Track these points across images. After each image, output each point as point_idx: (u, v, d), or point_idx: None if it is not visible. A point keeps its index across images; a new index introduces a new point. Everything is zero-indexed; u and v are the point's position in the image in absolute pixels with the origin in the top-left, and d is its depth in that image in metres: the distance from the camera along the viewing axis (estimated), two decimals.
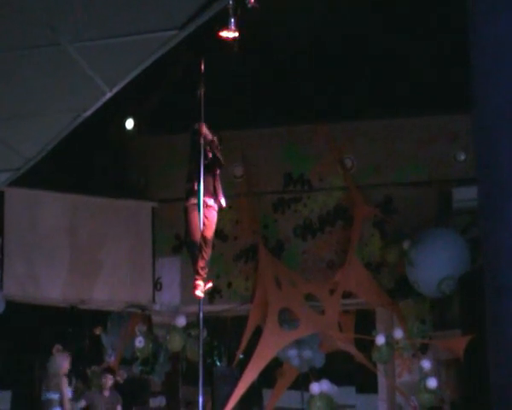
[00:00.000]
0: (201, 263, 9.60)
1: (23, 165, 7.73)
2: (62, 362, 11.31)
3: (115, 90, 6.43)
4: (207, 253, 9.59)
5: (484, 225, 4.27)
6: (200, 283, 9.52)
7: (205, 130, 9.55)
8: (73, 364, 13.71)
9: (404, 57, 12.33)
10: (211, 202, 9.68)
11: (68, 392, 11.25)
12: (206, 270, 9.60)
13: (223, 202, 9.69)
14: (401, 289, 12.28)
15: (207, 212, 9.65)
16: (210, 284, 9.80)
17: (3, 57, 5.82)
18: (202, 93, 9.62)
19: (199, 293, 9.54)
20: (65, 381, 11.18)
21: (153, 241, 13.16)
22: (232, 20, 8.83)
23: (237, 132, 13.13)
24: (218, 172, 9.81)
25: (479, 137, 4.38)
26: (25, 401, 13.29)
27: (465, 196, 11.56)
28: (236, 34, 9.00)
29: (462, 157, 12.43)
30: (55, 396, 10.96)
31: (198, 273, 9.58)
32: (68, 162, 12.38)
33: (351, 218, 12.83)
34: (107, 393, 11.67)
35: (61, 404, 10.97)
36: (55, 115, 6.89)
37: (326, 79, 12.65)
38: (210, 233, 9.63)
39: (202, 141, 9.52)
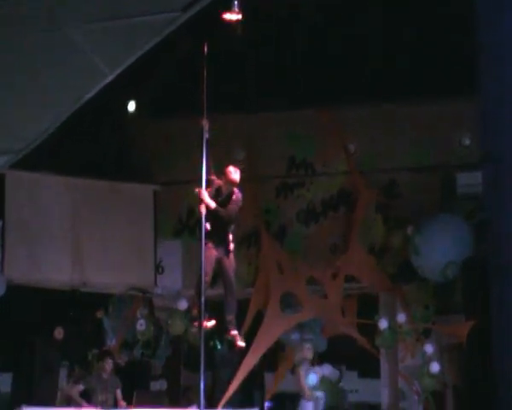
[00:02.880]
0: (230, 317, 9.48)
1: (24, 147, 7.68)
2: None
3: (116, 72, 6.37)
4: (234, 302, 9.47)
5: (488, 210, 4.25)
6: (235, 332, 9.41)
7: (206, 198, 9.27)
8: (74, 347, 13.74)
9: (409, 41, 12.23)
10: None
11: None
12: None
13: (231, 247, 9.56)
14: (404, 274, 12.23)
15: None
16: (213, 322, 9.73)
17: (5, 39, 5.76)
18: (205, 76, 9.52)
19: (241, 343, 9.43)
20: None
21: (154, 224, 13.10)
22: (235, 2, 8.75)
23: (240, 116, 13.05)
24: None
25: (484, 122, 4.35)
26: (25, 383, 13.27)
27: (469, 181, 11.49)
28: (240, 16, 8.92)
29: (467, 142, 12.34)
30: None
31: (230, 324, 9.46)
32: (70, 145, 12.32)
33: (354, 203, 12.77)
34: (106, 376, 11.62)
35: None
36: (55, 98, 6.83)
37: (330, 63, 12.56)
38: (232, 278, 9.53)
39: (204, 210, 9.30)
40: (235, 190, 9.47)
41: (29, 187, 12.37)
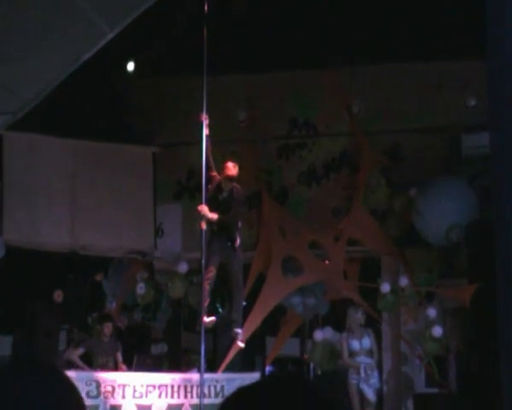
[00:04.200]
0: (235, 315, 9.42)
1: (21, 108, 7.52)
2: None
3: (116, 31, 6.20)
4: (240, 300, 9.43)
5: (495, 172, 4.18)
6: (238, 331, 9.36)
7: (208, 214, 9.17)
8: (74, 310, 13.70)
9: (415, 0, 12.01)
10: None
11: None
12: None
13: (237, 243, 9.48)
14: (408, 237, 12.12)
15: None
16: (212, 318, 9.66)
17: None
18: (205, 36, 9.37)
19: (241, 344, 9.37)
20: None
21: (154, 187, 12.96)
22: None
23: (241, 76, 12.88)
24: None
25: (491, 83, 4.23)
26: (25, 346, 13.23)
27: (475, 142, 11.33)
28: None
29: (473, 103, 12.15)
30: None
31: (235, 323, 9.42)
32: (68, 106, 12.15)
33: (356, 164, 12.63)
34: (106, 340, 11.56)
35: None
36: (53, 57, 6.66)
37: (333, 22, 12.34)
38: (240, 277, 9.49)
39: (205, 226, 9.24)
40: (235, 185, 9.42)
41: (27, 149, 12.22)
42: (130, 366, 11.75)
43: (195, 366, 11.71)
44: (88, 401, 10.50)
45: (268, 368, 14.01)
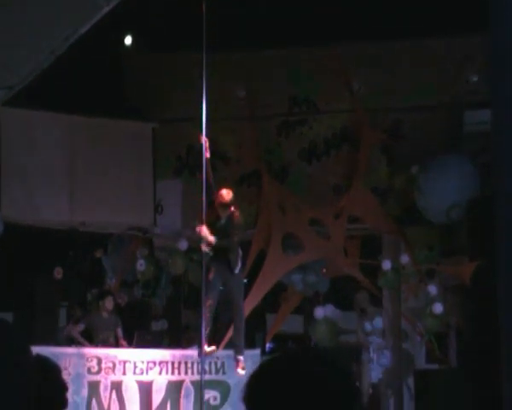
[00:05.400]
0: (237, 342, 9.39)
1: (17, 83, 7.43)
2: None
3: (112, 4, 6.11)
4: (242, 327, 9.40)
5: (496, 149, 4.14)
6: (240, 358, 9.35)
7: (208, 236, 9.12)
8: (73, 287, 13.70)
9: None
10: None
11: None
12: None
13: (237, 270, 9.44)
14: (409, 215, 12.08)
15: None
16: (213, 348, 9.65)
17: None
18: (204, 12, 9.29)
19: (240, 371, 9.36)
20: None
21: (153, 163, 12.90)
22: None
23: (241, 53, 12.78)
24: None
25: (494, 59, 4.17)
26: (26, 323, 13.25)
27: (477, 119, 11.24)
28: None
29: (475, 78, 12.05)
30: None
31: (238, 351, 9.41)
32: (66, 82, 12.05)
33: (357, 141, 12.55)
34: (106, 315, 11.52)
35: None
36: (49, 31, 6.57)
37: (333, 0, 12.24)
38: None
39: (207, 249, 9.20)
40: (234, 211, 9.36)
41: (24, 125, 12.13)
42: (131, 343, 11.76)
43: (196, 343, 11.69)
44: (89, 377, 10.56)
45: (268, 345, 14.01)
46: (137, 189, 12.71)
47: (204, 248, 9.17)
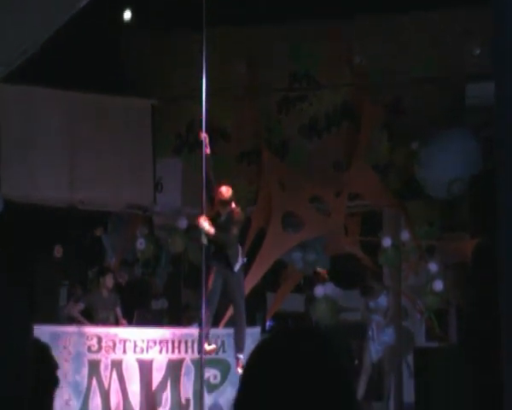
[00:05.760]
0: (238, 339, 9.32)
1: (15, 59, 7.37)
2: None
3: None
4: (243, 334, 9.33)
5: (499, 123, 4.09)
6: (240, 356, 9.30)
7: (206, 227, 9.01)
8: (74, 266, 13.66)
9: None
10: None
11: None
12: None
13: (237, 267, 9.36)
14: (409, 190, 12.03)
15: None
16: (213, 346, 9.60)
17: None
18: None
19: (240, 370, 9.30)
20: None
21: (153, 141, 12.82)
22: None
23: (241, 29, 12.70)
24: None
25: (496, 31, 4.12)
26: (26, 302, 13.19)
27: (479, 92, 11.12)
28: None
29: (477, 51, 11.92)
30: None
31: (237, 346, 9.37)
32: (65, 58, 11.97)
33: (357, 117, 12.48)
34: (106, 294, 11.48)
35: None
36: (47, 5, 6.51)
37: None
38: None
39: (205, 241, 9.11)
40: (234, 208, 9.27)
41: (23, 101, 12.05)
42: (131, 322, 11.74)
43: (196, 322, 11.67)
44: (89, 356, 10.55)
45: (268, 323, 13.99)
46: (137, 166, 12.64)
47: (203, 240, 9.09)
